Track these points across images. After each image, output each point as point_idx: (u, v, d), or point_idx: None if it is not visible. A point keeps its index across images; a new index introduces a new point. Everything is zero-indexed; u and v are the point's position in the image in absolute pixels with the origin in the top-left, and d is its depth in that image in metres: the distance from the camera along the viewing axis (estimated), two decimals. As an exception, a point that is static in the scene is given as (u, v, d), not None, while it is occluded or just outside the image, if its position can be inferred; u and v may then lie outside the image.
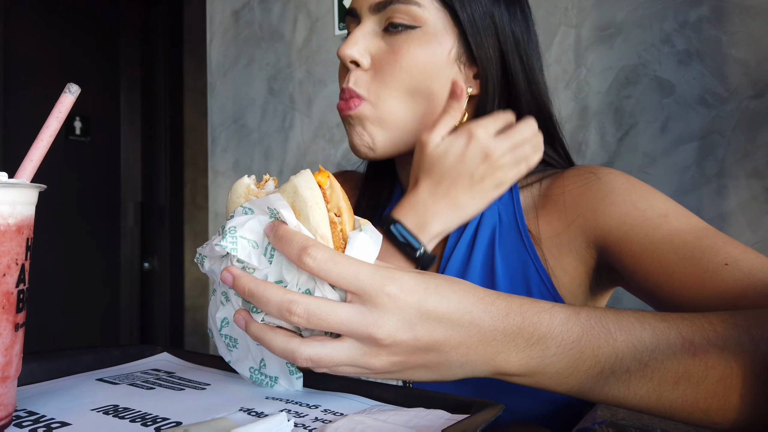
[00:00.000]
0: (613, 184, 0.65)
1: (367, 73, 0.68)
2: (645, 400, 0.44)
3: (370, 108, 0.68)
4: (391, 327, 0.41)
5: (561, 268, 0.66)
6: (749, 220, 1.19)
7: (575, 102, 1.40)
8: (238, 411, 0.44)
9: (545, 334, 0.43)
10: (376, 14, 0.68)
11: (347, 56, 0.67)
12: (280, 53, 2.06)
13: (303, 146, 1.99)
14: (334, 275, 0.41)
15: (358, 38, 0.68)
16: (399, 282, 0.42)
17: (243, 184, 0.49)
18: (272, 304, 0.42)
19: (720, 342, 0.43)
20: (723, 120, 1.22)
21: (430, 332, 0.42)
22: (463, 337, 0.43)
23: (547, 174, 0.73)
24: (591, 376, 0.44)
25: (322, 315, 0.41)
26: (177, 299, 2.92)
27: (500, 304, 0.44)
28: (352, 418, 0.41)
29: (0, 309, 0.39)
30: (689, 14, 1.26)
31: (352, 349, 0.42)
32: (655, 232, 0.59)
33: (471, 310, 0.43)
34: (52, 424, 0.41)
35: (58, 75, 2.61)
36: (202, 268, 0.50)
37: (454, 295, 0.43)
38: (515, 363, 0.44)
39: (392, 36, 0.67)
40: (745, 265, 0.52)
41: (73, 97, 0.44)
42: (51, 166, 0.87)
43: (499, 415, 0.41)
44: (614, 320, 0.44)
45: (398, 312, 0.41)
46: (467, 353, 0.43)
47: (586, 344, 0.43)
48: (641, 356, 0.43)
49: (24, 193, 0.40)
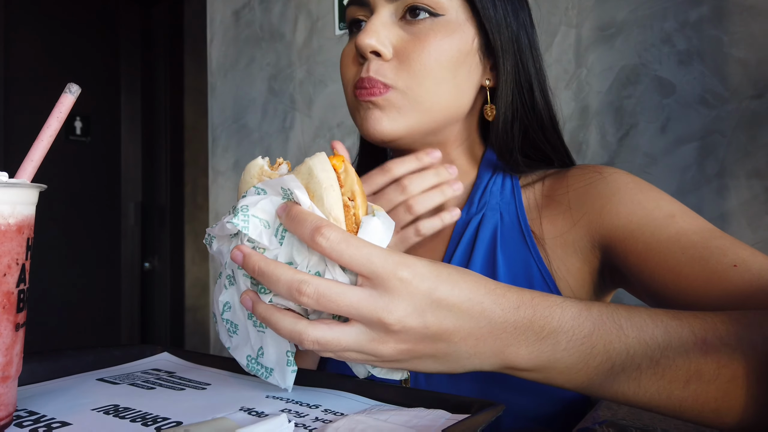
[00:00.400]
0: (619, 183, 0.65)
1: (389, 63, 0.66)
2: (655, 398, 0.43)
3: (398, 96, 0.66)
4: (401, 312, 0.41)
5: (566, 268, 0.66)
6: (750, 219, 1.19)
7: (575, 102, 1.40)
8: (239, 411, 0.44)
9: (556, 328, 0.43)
10: (393, 2, 0.66)
11: (368, 46, 0.65)
12: (280, 53, 2.06)
13: (303, 146, 1.99)
14: (346, 257, 0.41)
15: (377, 27, 0.66)
16: (412, 268, 0.41)
17: (257, 165, 0.48)
18: (282, 283, 0.41)
19: (733, 341, 0.42)
20: (723, 120, 1.22)
21: (440, 321, 0.42)
22: (473, 327, 0.42)
23: (548, 173, 0.73)
24: (601, 372, 0.43)
25: (332, 296, 0.41)
26: (177, 299, 2.92)
27: (511, 297, 0.44)
28: (352, 417, 0.41)
29: (0, 309, 0.39)
30: (690, 14, 1.26)
31: (360, 334, 0.42)
32: (662, 232, 0.59)
33: (482, 300, 0.43)
34: (52, 423, 0.41)
35: (58, 75, 2.61)
36: (210, 249, 0.50)
37: (465, 285, 0.43)
38: (525, 357, 0.43)
39: (414, 24, 0.66)
40: (755, 267, 0.52)
41: (73, 97, 0.44)
42: (51, 166, 0.87)
43: (503, 418, 0.41)
44: (626, 316, 0.44)
45: (409, 298, 0.41)
46: (476, 344, 0.43)
47: (598, 339, 0.43)
48: (653, 353, 0.42)
49: (24, 192, 0.40)
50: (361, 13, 0.69)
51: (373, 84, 0.66)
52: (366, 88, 0.66)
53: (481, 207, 0.71)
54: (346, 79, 0.71)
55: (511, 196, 0.71)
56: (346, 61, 0.71)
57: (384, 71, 0.66)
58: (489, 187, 0.72)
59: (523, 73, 0.71)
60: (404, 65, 0.66)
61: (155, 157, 3.04)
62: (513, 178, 0.73)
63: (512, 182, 0.73)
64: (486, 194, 0.72)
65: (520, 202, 0.71)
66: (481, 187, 0.73)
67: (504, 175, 0.74)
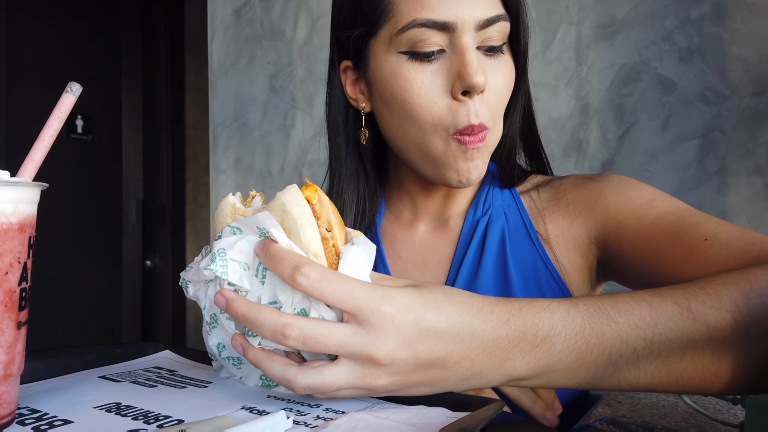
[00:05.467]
0: (608, 181, 0.68)
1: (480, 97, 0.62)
2: (657, 377, 0.44)
3: (490, 135, 0.63)
4: (390, 347, 0.40)
5: (570, 264, 0.69)
6: (750, 217, 1.19)
7: (576, 100, 1.40)
8: (240, 409, 0.44)
9: (548, 332, 0.43)
10: (478, 31, 0.61)
11: (482, 86, 0.59)
12: (281, 51, 2.06)
13: (304, 144, 1.99)
14: (328, 294, 0.40)
15: (480, 62, 0.61)
16: (395, 300, 0.41)
17: (228, 203, 0.46)
18: (266, 328, 0.41)
19: (715, 302, 0.43)
20: (724, 117, 1.22)
21: (431, 349, 0.41)
22: (466, 350, 0.42)
23: (540, 181, 0.76)
24: (600, 364, 0.43)
25: (318, 338, 0.40)
26: (179, 297, 2.92)
27: (500, 312, 0.43)
28: (353, 415, 0.41)
29: (3, 307, 0.39)
30: (690, 11, 1.26)
31: (350, 372, 0.41)
32: (645, 218, 0.61)
33: (471, 321, 0.42)
34: (54, 421, 0.41)
35: (59, 73, 2.62)
36: (187, 293, 0.49)
37: (453, 309, 0.42)
38: (523, 367, 0.43)
39: (494, 57, 0.63)
40: (723, 238, 0.54)
41: (74, 97, 0.44)
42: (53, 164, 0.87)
43: (507, 414, 0.41)
44: (612, 304, 0.44)
45: (396, 331, 0.40)
46: (472, 366, 0.42)
47: (590, 333, 0.43)
48: (644, 333, 0.43)
49: (26, 191, 0.40)
50: (438, 39, 0.61)
51: (480, 129, 0.61)
52: (476, 135, 0.61)
53: (486, 209, 0.73)
54: (432, 115, 0.62)
55: (511, 199, 0.74)
56: (429, 95, 0.62)
57: (483, 112, 0.61)
58: (491, 191, 0.75)
59: (524, 86, 0.72)
60: (492, 102, 0.63)
61: (156, 156, 3.04)
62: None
63: (510, 190, 0.75)
64: (489, 197, 0.74)
65: (521, 205, 0.73)
66: (484, 191, 0.75)
67: (501, 187, 0.76)
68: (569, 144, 1.41)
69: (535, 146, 0.76)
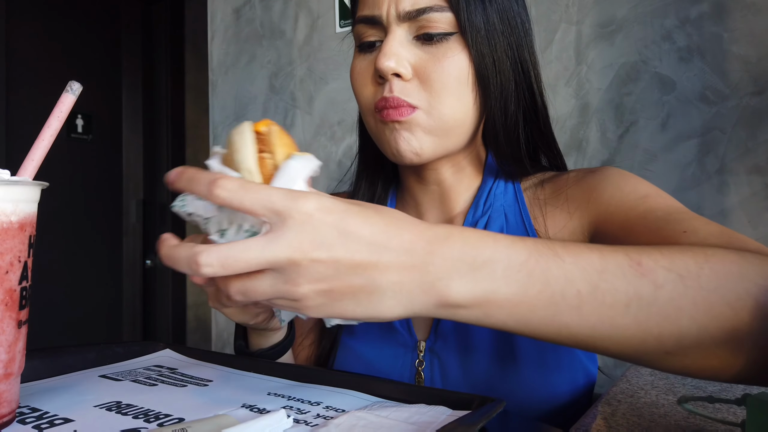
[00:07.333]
0: (606, 174, 0.68)
1: (410, 82, 0.66)
2: (598, 327, 0.42)
3: (423, 116, 0.66)
4: (307, 246, 0.38)
5: None
6: (750, 216, 1.19)
7: (576, 99, 1.40)
8: (240, 407, 0.44)
9: (490, 257, 0.40)
10: (406, 22, 0.65)
11: (389, 69, 0.64)
12: (281, 51, 2.06)
13: (304, 144, 1.99)
14: (247, 202, 0.38)
15: (395, 49, 0.65)
16: (315, 201, 0.39)
17: None
18: (183, 263, 0.39)
19: (666, 263, 0.42)
20: (724, 117, 1.22)
21: (352, 253, 0.38)
22: (392, 260, 0.39)
23: (547, 176, 0.75)
24: (542, 301, 0.41)
25: (236, 254, 0.38)
26: (179, 296, 2.92)
27: (439, 230, 0.41)
28: (353, 414, 0.41)
29: (3, 306, 0.39)
30: (690, 11, 1.26)
31: (274, 278, 0.39)
32: (633, 211, 0.61)
33: (400, 232, 0.40)
34: (55, 420, 0.41)
35: (59, 73, 2.62)
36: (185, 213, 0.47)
37: (381, 221, 0.40)
38: (459, 290, 0.40)
39: (430, 45, 0.65)
40: (702, 233, 0.53)
41: (74, 97, 0.44)
42: (53, 164, 0.87)
43: (507, 413, 0.41)
44: (561, 245, 0.43)
45: (313, 231, 0.38)
46: (400, 279, 0.39)
47: (534, 266, 0.41)
48: (590, 277, 0.41)
49: (26, 190, 0.40)
50: (373, 32, 0.68)
51: (398, 104, 0.65)
52: (393, 107, 0.65)
53: (486, 210, 0.73)
54: (363, 98, 0.70)
55: (514, 199, 0.73)
56: (361, 80, 0.70)
57: (408, 91, 0.65)
58: (493, 190, 0.74)
59: (524, 78, 0.71)
60: (426, 85, 0.65)
61: (156, 155, 3.04)
62: (515, 182, 0.75)
63: (514, 186, 0.75)
64: (490, 197, 0.74)
65: (523, 204, 0.72)
66: (485, 190, 0.74)
67: (506, 179, 0.75)
68: (569, 143, 1.41)
69: (545, 142, 0.75)
